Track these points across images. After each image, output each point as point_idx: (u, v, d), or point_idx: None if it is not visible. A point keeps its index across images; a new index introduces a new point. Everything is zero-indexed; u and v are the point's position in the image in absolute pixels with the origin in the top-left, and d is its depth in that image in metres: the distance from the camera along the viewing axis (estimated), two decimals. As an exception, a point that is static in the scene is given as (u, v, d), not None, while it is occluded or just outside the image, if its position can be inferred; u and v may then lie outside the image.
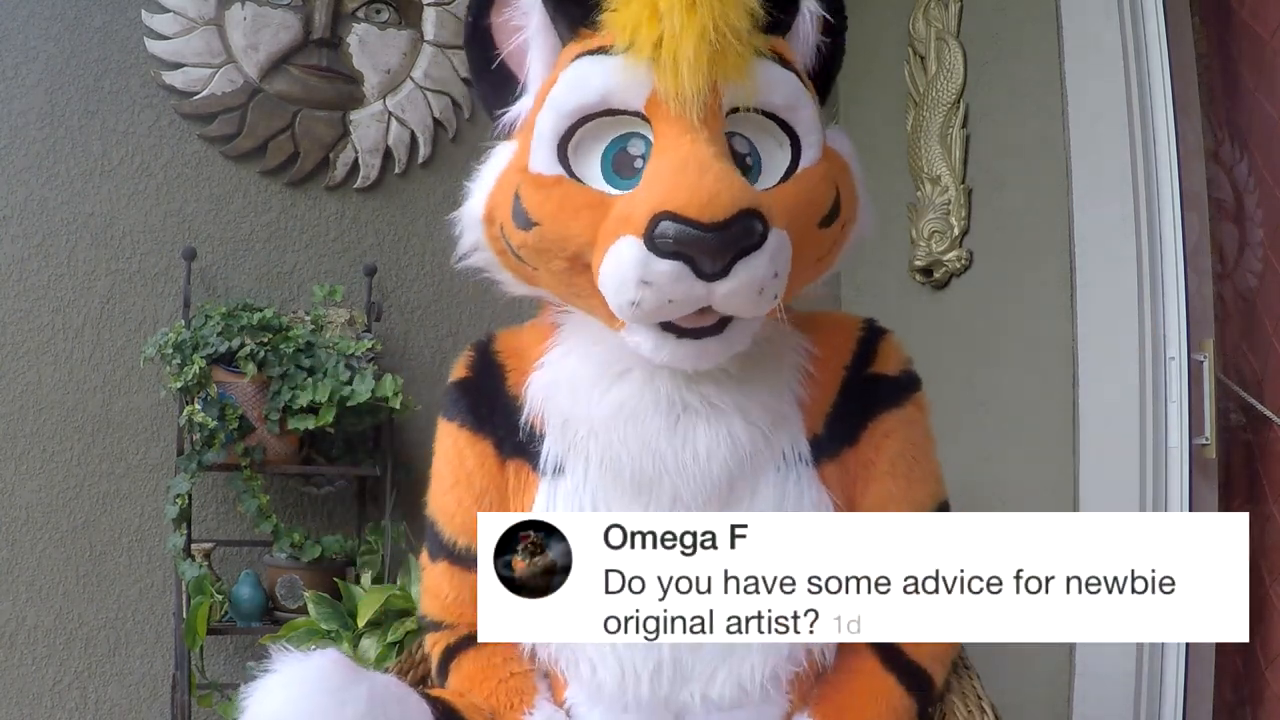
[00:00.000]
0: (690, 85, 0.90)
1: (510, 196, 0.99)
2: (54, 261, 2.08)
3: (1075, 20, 1.80)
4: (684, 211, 0.86)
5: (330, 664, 0.96)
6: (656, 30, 0.90)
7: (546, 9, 1.00)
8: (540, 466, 1.07)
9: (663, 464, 1.01)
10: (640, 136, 0.96)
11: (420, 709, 1.01)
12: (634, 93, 0.93)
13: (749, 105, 0.95)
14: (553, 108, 0.96)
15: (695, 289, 0.89)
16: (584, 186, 0.96)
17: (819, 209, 0.99)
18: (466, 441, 1.12)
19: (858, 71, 2.45)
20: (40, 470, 2.06)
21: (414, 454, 2.17)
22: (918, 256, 2.12)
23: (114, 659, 2.07)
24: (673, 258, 0.87)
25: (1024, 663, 1.83)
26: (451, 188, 2.27)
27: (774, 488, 1.03)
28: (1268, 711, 1.61)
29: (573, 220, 0.95)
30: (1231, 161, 1.74)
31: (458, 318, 2.29)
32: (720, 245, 0.87)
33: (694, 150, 0.90)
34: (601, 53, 0.95)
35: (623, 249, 0.90)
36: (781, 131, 0.98)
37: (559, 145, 0.96)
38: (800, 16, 1.02)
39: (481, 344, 1.17)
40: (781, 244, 0.92)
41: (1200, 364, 1.66)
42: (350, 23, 2.23)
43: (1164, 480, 1.66)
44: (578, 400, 1.05)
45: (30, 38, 2.08)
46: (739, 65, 0.92)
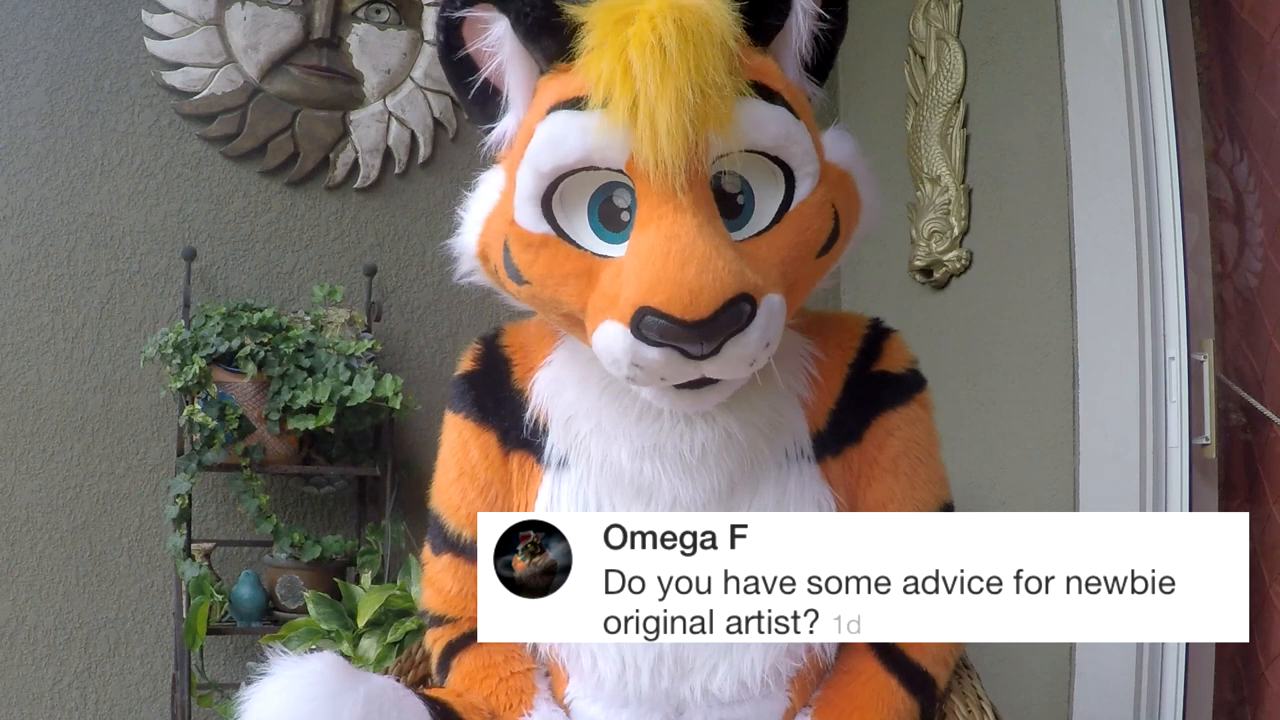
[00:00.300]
0: (669, 153, 0.86)
1: (501, 245, 0.98)
2: (54, 261, 2.08)
3: (1075, 20, 1.81)
4: (666, 309, 0.85)
5: (326, 667, 0.96)
6: (631, 91, 0.86)
7: (520, 41, 0.96)
8: (544, 459, 1.07)
9: (662, 466, 1.01)
10: (625, 187, 0.93)
11: (417, 711, 1.01)
12: (614, 153, 0.90)
13: (736, 149, 0.91)
14: (532, 166, 0.93)
15: (685, 368, 0.90)
16: (570, 248, 0.94)
17: (815, 244, 0.97)
18: (471, 434, 1.12)
19: (858, 71, 2.45)
20: (40, 470, 2.06)
21: (414, 454, 2.17)
22: (918, 256, 2.12)
23: (114, 659, 2.07)
24: (659, 346, 0.88)
25: (1024, 663, 1.83)
26: (451, 188, 2.30)
27: (776, 484, 1.03)
28: (1268, 711, 1.61)
29: (561, 286, 0.94)
30: (1231, 161, 1.74)
31: (458, 318, 2.29)
32: (705, 335, 0.87)
33: (676, 225, 0.87)
34: (577, 105, 0.91)
35: (612, 332, 0.90)
36: (774, 165, 0.95)
37: (542, 202, 0.94)
38: (793, 17, 0.97)
39: (488, 338, 1.18)
40: (772, 314, 0.91)
41: (1200, 364, 1.66)
42: (350, 23, 2.23)
43: (1164, 480, 1.66)
44: (582, 398, 1.05)
45: (30, 38, 2.08)
46: (720, 116, 0.88)
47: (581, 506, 1.03)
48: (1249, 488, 1.68)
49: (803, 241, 0.95)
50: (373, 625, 1.76)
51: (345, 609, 1.82)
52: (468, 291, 2.26)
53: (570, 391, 1.06)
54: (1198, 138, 1.75)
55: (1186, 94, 1.74)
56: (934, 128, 2.09)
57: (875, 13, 2.32)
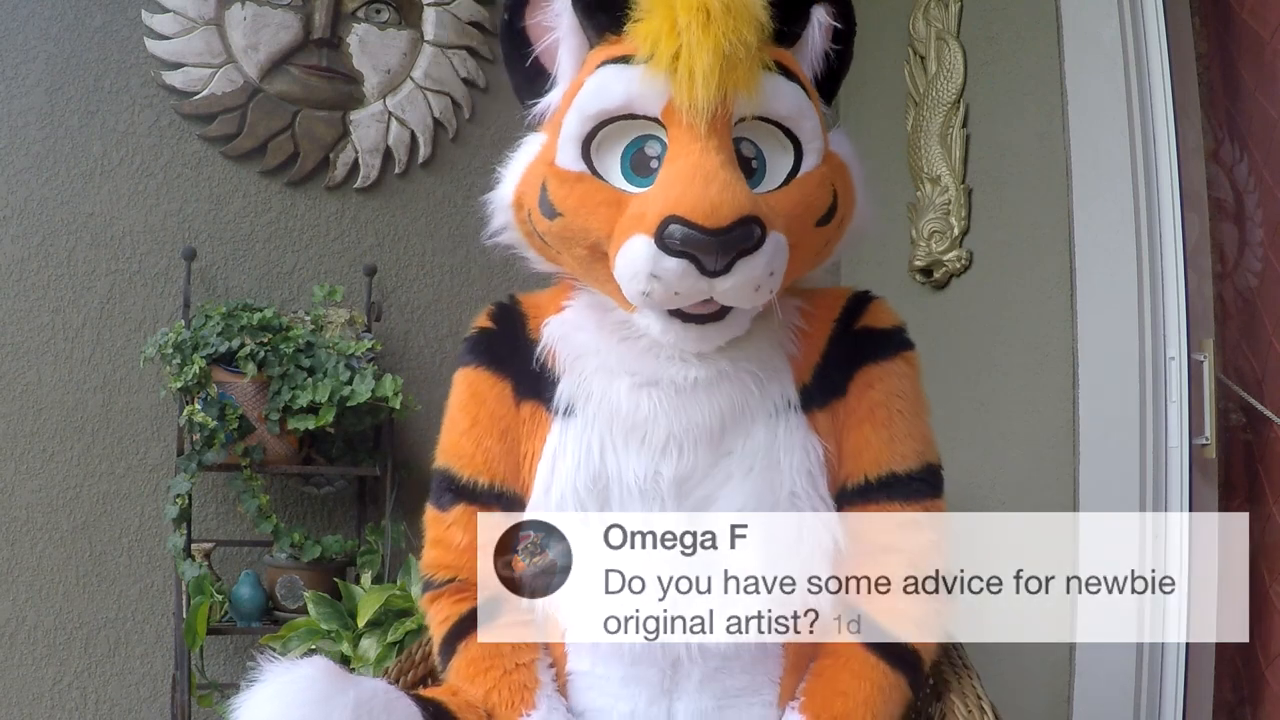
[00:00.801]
0: (703, 97, 0.98)
1: (538, 186, 1.08)
2: (54, 261, 2.08)
3: (1075, 20, 1.81)
4: (690, 216, 0.95)
5: (316, 672, 0.97)
6: (675, 44, 0.98)
7: (577, 15, 1.07)
8: (553, 407, 1.12)
9: (657, 399, 1.08)
10: (656, 139, 1.04)
11: (409, 713, 1.01)
12: (652, 100, 1.01)
13: (755, 114, 1.03)
14: (578, 110, 1.05)
15: (699, 284, 0.98)
16: (603, 184, 1.04)
17: (817, 210, 1.07)
18: (487, 383, 1.17)
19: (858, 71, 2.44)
20: (40, 470, 2.06)
21: (414, 454, 2.17)
22: (918, 256, 2.12)
23: (114, 659, 2.07)
24: (679, 256, 0.97)
25: (1024, 663, 1.83)
26: (451, 188, 2.31)
27: (766, 431, 1.09)
28: (1268, 711, 1.61)
29: (592, 215, 1.04)
30: (1231, 161, 1.74)
31: (458, 318, 2.29)
32: (721, 247, 0.96)
33: (703, 158, 0.98)
34: (624, 61, 1.03)
35: (636, 245, 0.99)
36: (785, 137, 1.06)
37: (583, 144, 1.05)
38: (810, 27, 1.10)
39: (502, 301, 1.24)
40: (778, 246, 1.01)
41: (1200, 364, 1.66)
42: (350, 23, 2.23)
43: (1164, 480, 1.66)
44: (590, 339, 1.13)
45: (30, 38, 2.08)
46: (748, 78, 1.00)
47: (585, 452, 1.09)
48: (1249, 488, 1.68)
49: (806, 204, 1.06)
50: (373, 625, 1.76)
51: (345, 609, 1.82)
52: (468, 291, 2.29)
53: (580, 335, 1.14)
54: (1198, 138, 1.75)
55: (1186, 94, 1.74)
56: (934, 128, 2.09)
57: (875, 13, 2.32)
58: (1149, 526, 1.65)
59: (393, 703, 1.00)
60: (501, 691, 1.11)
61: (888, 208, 2.25)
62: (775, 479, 1.07)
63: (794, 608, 1.07)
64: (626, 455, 1.08)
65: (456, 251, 2.28)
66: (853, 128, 2.42)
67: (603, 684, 1.11)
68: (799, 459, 1.08)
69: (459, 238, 2.27)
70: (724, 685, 1.08)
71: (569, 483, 1.08)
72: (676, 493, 1.07)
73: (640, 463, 1.08)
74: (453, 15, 2.29)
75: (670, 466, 1.07)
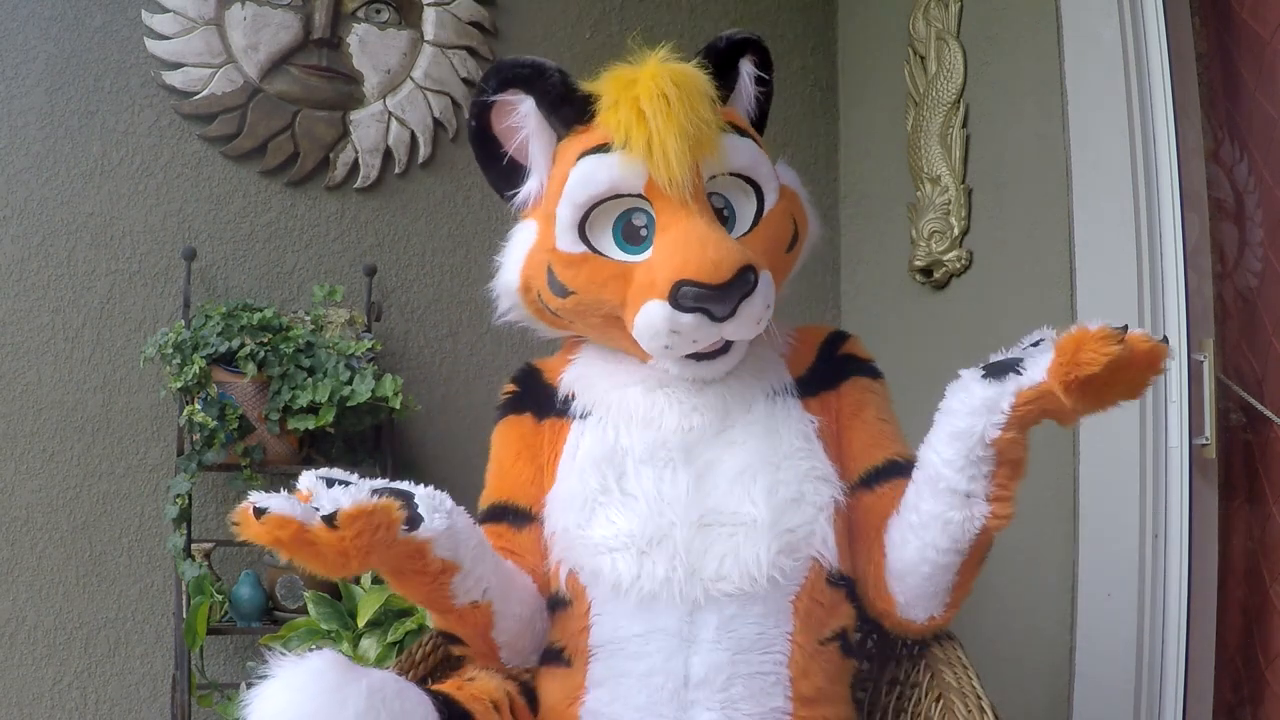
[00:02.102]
0: (679, 174, 1.13)
1: (544, 270, 1.22)
2: (54, 261, 2.08)
3: (1075, 20, 1.81)
4: (697, 278, 1.10)
5: (327, 663, 0.97)
6: (645, 131, 1.13)
7: (542, 113, 1.22)
8: (572, 413, 1.26)
9: (668, 397, 1.22)
10: (641, 210, 1.18)
11: (420, 701, 1.02)
12: (634, 180, 1.16)
13: (722, 172, 1.19)
14: (569, 201, 1.18)
15: (711, 330, 1.14)
16: (606, 260, 1.18)
17: (784, 241, 1.24)
18: (511, 425, 1.31)
19: (858, 71, 2.45)
20: (40, 470, 2.06)
21: (414, 454, 2.18)
22: (918, 256, 2.12)
23: (114, 659, 2.07)
24: (693, 312, 1.11)
25: (1024, 663, 1.83)
26: (451, 188, 2.31)
27: (765, 407, 1.22)
28: (1268, 711, 1.61)
29: (603, 289, 1.18)
30: (1231, 161, 1.74)
31: (458, 318, 2.29)
32: (727, 297, 1.11)
33: (692, 225, 1.14)
34: (602, 150, 1.17)
35: (653, 310, 1.13)
36: (747, 185, 1.22)
37: (579, 228, 1.19)
38: (740, 78, 1.27)
39: (522, 368, 1.37)
40: (767, 282, 1.16)
41: (1200, 364, 1.66)
42: (350, 23, 2.23)
43: (1164, 480, 1.66)
44: (604, 376, 1.26)
45: (30, 38, 2.08)
46: (712, 146, 1.16)
47: (602, 433, 1.22)
48: (1249, 488, 1.68)
49: (776, 239, 1.23)
50: (373, 625, 1.76)
51: (345, 609, 1.82)
52: (468, 291, 2.29)
53: (594, 372, 1.28)
54: (1198, 138, 1.75)
55: (1186, 94, 1.74)
56: (934, 128, 2.10)
57: (875, 13, 2.32)
58: (1149, 526, 1.65)
59: (404, 691, 1.01)
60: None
61: (888, 208, 2.25)
62: (775, 442, 1.19)
63: (800, 554, 1.16)
64: (641, 434, 1.20)
65: (456, 251, 2.28)
66: (853, 128, 2.42)
67: (624, 644, 1.16)
68: (796, 426, 1.22)
69: (459, 238, 2.27)
70: (738, 636, 1.14)
71: (589, 455, 1.20)
72: (684, 458, 1.18)
73: (651, 437, 1.20)
74: (453, 15, 2.29)
75: (678, 439, 1.19)
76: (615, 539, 1.16)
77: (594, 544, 1.17)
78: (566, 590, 1.19)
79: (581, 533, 1.17)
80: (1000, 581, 1.88)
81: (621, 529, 1.16)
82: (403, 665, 1.25)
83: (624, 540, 1.15)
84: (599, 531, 1.17)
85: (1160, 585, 1.64)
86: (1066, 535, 1.78)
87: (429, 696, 1.05)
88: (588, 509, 1.18)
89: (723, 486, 1.17)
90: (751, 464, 1.17)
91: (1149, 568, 1.64)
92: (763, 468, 1.17)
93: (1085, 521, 1.75)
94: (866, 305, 2.35)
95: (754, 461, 1.18)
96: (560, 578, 1.19)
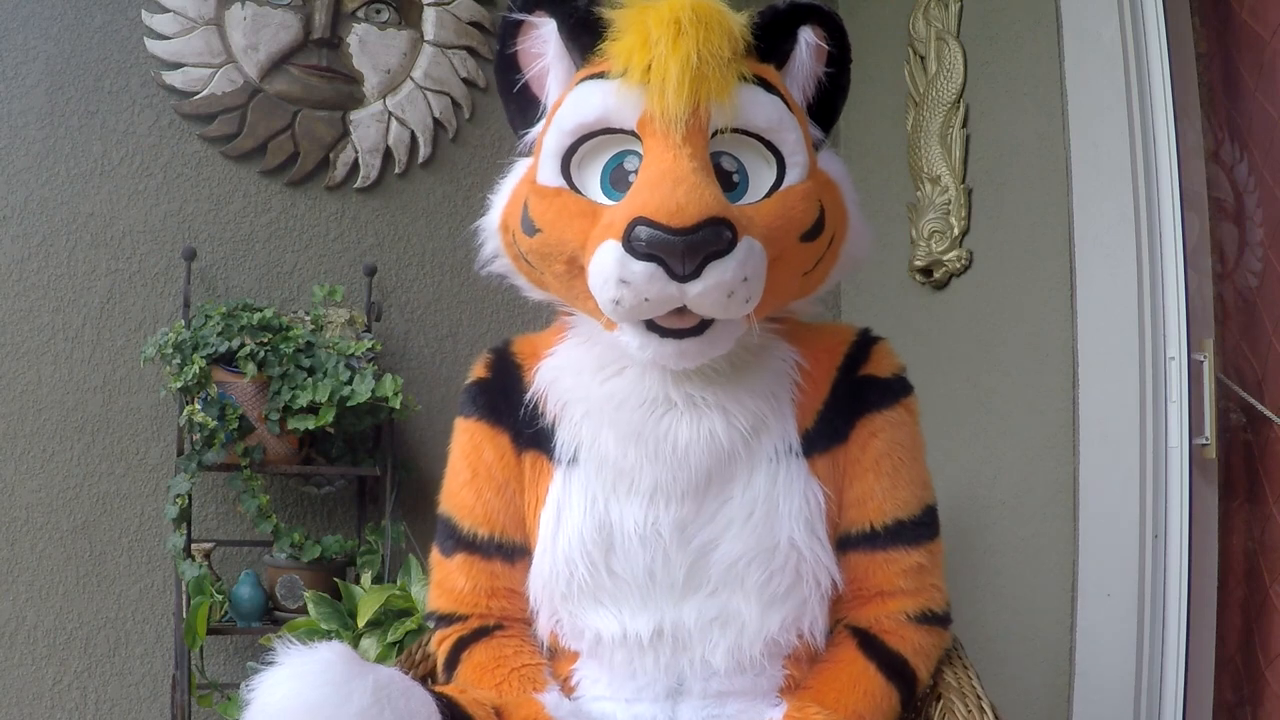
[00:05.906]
0: (674, 106, 0.99)
1: (520, 206, 1.10)
2: (54, 261, 2.08)
3: (1075, 20, 1.81)
4: (655, 217, 0.95)
5: (335, 656, 0.96)
6: (647, 57, 1.01)
7: (562, 37, 1.11)
8: (555, 457, 1.14)
9: (643, 453, 1.08)
10: (634, 153, 1.05)
11: (425, 702, 1.02)
12: (627, 113, 1.03)
13: (733, 126, 1.03)
14: (557, 126, 1.07)
15: (668, 289, 0.97)
16: (580, 196, 1.05)
17: (800, 224, 1.06)
18: (485, 436, 1.19)
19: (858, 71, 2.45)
20: (40, 470, 2.06)
21: (414, 454, 2.17)
22: (918, 256, 2.12)
23: (114, 659, 2.07)
24: (647, 259, 0.96)
25: (1024, 663, 1.83)
26: (451, 188, 2.31)
27: (767, 477, 1.09)
28: (1268, 711, 1.61)
29: (568, 227, 1.04)
30: (1231, 161, 1.74)
31: (458, 318, 2.29)
32: (688, 248, 0.95)
33: (674, 164, 0.98)
34: (601, 77, 1.05)
35: (605, 250, 0.99)
36: (767, 150, 1.06)
37: (562, 160, 1.07)
38: (797, 47, 1.11)
39: (498, 347, 1.25)
40: (752, 251, 0.99)
41: (1200, 364, 1.66)
42: (350, 23, 2.23)
43: (1164, 480, 1.66)
44: (577, 384, 1.14)
45: (30, 38, 2.08)
46: (721, 88, 1.01)
47: (589, 502, 1.10)
48: (1249, 488, 1.68)
49: (788, 217, 1.05)
50: (373, 625, 1.76)
51: (345, 609, 1.82)
52: (468, 291, 2.29)
53: (568, 375, 1.15)
54: (1198, 138, 1.75)
55: (1186, 94, 1.74)
56: (934, 128, 2.10)
57: (875, 13, 2.32)
58: (1149, 526, 1.65)
59: (409, 688, 1.01)
60: (512, 683, 1.14)
61: (888, 208, 2.25)
62: (775, 525, 1.08)
63: (789, 633, 1.11)
64: (627, 504, 1.09)
65: (456, 251, 2.28)
66: (853, 128, 2.42)
67: (608, 701, 1.14)
68: (798, 505, 1.09)
69: (459, 238, 2.27)
70: (724, 710, 1.11)
71: (575, 531, 1.10)
72: (678, 539, 1.09)
73: (639, 511, 1.09)
74: (453, 15, 2.29)
75: (666, 515, 1.08)
76: (603, 626, 1.11)
77: (579, 627, 1.13)
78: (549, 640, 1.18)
79: (568, 611, 1.13)
80: (1000, 581, 1.88)
81: (609, 614, 1.11)
82: (403, 665, 1.25)
83: (611, 631, 1.11)
84: (588, 618, 1.12)
85: (1160, 585, 1.65)
86: (1066, 535, 1.78)
87: (433, 697, 1.04)
88: (573, 593, 1.11)
89: (715, 577, 1.09)
90: (747, 552, 1.08)
91: (1149, 568, 1.64)
92: (759, 556, 1.08)
93: (1085, 521, 1.75)
94: (866, 305, 2.34)
95: (750, 549, 1.08)
96: (544, 631, 1.18)
